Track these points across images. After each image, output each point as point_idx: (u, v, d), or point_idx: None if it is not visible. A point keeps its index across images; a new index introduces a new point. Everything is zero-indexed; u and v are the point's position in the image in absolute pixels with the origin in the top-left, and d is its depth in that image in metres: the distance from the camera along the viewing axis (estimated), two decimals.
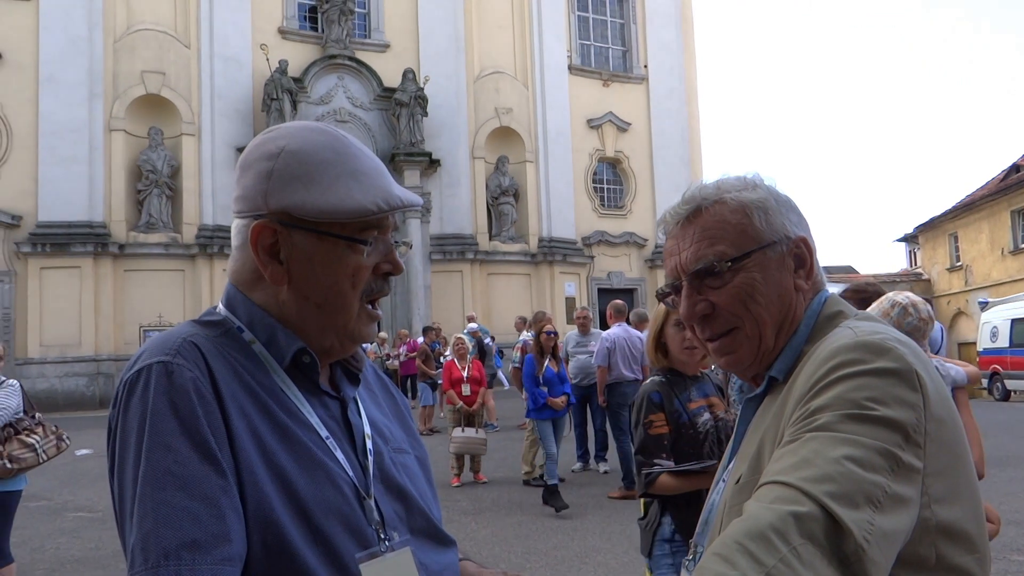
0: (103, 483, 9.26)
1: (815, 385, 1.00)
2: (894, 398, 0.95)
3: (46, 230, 20.20)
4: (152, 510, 0.93)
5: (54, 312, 19.89)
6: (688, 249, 1.18)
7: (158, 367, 1.01)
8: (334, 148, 1.11)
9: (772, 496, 0.90)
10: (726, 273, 1.15)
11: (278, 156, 1.10)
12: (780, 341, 1.17)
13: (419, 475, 1.25)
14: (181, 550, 0.92)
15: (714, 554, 0.86)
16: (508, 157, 26.13)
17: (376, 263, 1.13)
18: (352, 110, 23.60)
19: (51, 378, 19.65)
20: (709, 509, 1.25)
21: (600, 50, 29.28)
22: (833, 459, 0.90)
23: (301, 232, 1.09)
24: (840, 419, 0.94)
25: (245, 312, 1.13)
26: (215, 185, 21.83)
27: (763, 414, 1.14)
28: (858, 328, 1.07)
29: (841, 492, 0.87)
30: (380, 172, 1.14)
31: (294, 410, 1.09)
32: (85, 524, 7.34)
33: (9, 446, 4.88)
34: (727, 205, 1.17)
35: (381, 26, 25.16)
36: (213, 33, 22.26)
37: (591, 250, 27.22)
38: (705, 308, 1.17)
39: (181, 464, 0.96)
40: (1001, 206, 29.06)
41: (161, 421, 0.97)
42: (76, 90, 20.68)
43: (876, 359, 0.98)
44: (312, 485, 1.04)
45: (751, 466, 1.08)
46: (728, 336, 1.18)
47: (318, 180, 1.08)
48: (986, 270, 29.93)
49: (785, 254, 1.17)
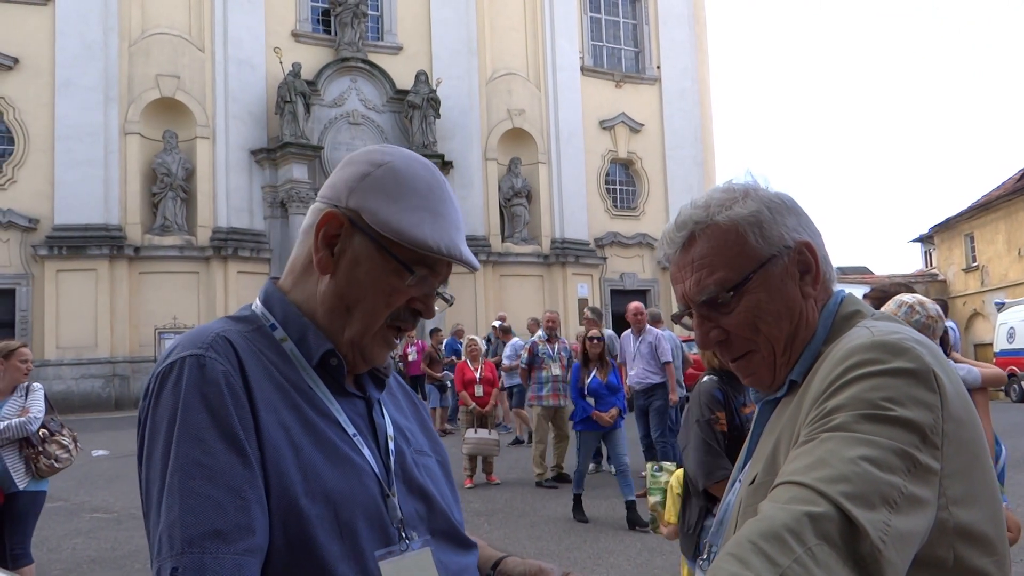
0: (119, 484, 9.33)
1: (831, 385, 0.99)
2: (911, 398, 0.94)
3: (62, 233, 20.37)
4: (179, 499, 0.96)
5: (70, 314, 20.05)
6: (690, 279, 1.17)
7: (191, 360, 1.04)
8: (430, 185, 1.17)
9: (787, 496, 0.89)
10: (731, 301, 1.14)
11: (381, 166, 1.17)
12: (797, 348, 1.16)
13: (441, 478, 1.28)
14: (205, 539, 0.94)
15: (728, 554, 0.85)
16: (520, 159, 26.14)
17: (413, 297, 1.16)
18: (365, 112, 23.68)
19: (67, 380, 19.80)
20: (724, 509, 1.26)
21: (612, 51, 29.23)
22: (849, 459, 0.90)
23: (363, 236, 1.14)
24: (856, 419, 0.93)
25: (281, 310, 1.18)
26: (229, 188, 21.95)
27: (779, 415, 1.14)
28: (875, 328, 1.06)
29: (857, 492, 0.87)
30: (456, 225, 1.18)
31: (322, 407, 1.12)
32: (101, 525, 7.40)
33: (50, 447, 5.04)
34: (719, 227, 1.16)
35: (394, 28, 25.23)
36: (227, 37, 22.38)
37: (604, 251, 27.17)
38: (719, 335, 1.18)
39: (210, 455, 0.98)
40: (1018, 206, 28.79)
41: (192, 413, 1.00)
42: (92, 94, 20.85)
43: (893, 359, 0.98)
44: (340, 478, 1.07)
45: (766, 467, 1.08)
46: (745, 359, 1.19)
47: (402, 201, 1.14)
48: (1003, 271, 29.65)
49: (788, 264, 1.15)
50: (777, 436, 1.09)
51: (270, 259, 22.48)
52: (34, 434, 5.00)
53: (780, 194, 1.21)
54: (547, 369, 9.11)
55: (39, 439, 5.02)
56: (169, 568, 0.93)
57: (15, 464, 4.95)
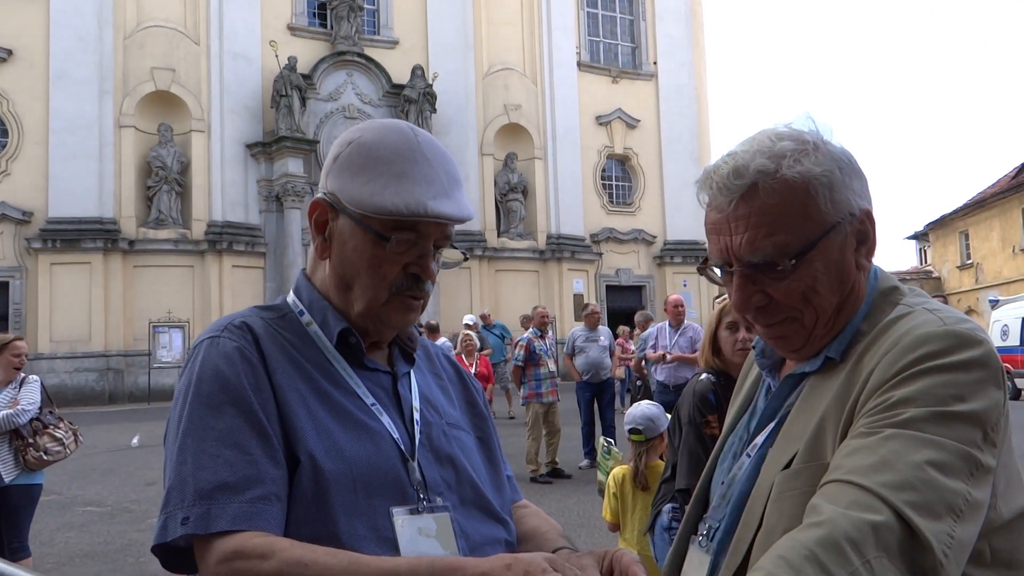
0: (112, 478, 9.29)
1: (899, 373, 0.94)
2: (980, 394, 0.91)
3: (56, 226, 20.30)
4: (192, 457, 1.04)
5: (64, 308, 19.98)
6: (743, 234, 1.04)
7: (208, 342, 1.15)
8: (397, 149, 1.18)
9: (848, 500, 0.85)
10: (787, 269, 1.03)
11: (350, 143, 1.21)
12: (840, 322, 1.08)
13: (475, 452, 1.30)
14: (214, 491, 1.02)
15: (780, 557, 0.82)
16: (517, 154, 26.12)
17: (407, 263, 1.18)
18: (361, 107, 23.63)
19: (61, 373, 19.75)
20: (728, 484, 1.16)
21: (609, 46, 29.20)
22: (915, 464, 0.85)
23: (344, 216, 1.19)
24: (925, 417, 0.89)
25: (307, 296, 1.26)
26: (224, 181, 21.89)
27: (815, 393, 1.06)
28: (943, 314, 1.00)
29: (922, 502, 0.83)
30: (429, 181, 1.16)
31: (340, 380, 1.18)
32: (94, 518, 7.38)
33: (41, 439, 5.00)
34: (788, 182, 1.02)
35: (390, 23, 25.17)
36: (223, 30, 22.30)
37: (599, 247, 27.18)
38: (761, 300, 1.07)
39: (220, 419, 1.06)
40: (1012, 203, 28.87)
41: (204, 384, 1.10)
42: (86, 86, 20.76)
43: (966, 351, 0.93)
44: (354, 441, 1.12)
45: (807, 451, 1.00)
46: (782, 324, 1.09)
47: (365, 173, 1.17)
48: (997, 268, 29.74)
49: (848, 233, 1.06)
50: (820, 419, 1.01)
51: (265, 253, 22.43)
52: (24, 426, 4.97)
53: (846, 151, 1.08)
54: (544, 365, 9.07)
55: (30, 431, 4.98)
56: (180, 517, 1.01)
57: (3, 456, 4.92)
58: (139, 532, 6.75)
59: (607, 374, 9.59)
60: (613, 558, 1.01)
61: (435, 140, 1.25)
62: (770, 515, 1.01)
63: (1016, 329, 20.41)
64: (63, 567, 5.91)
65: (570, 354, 9.57)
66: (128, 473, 9.66)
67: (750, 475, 1.11)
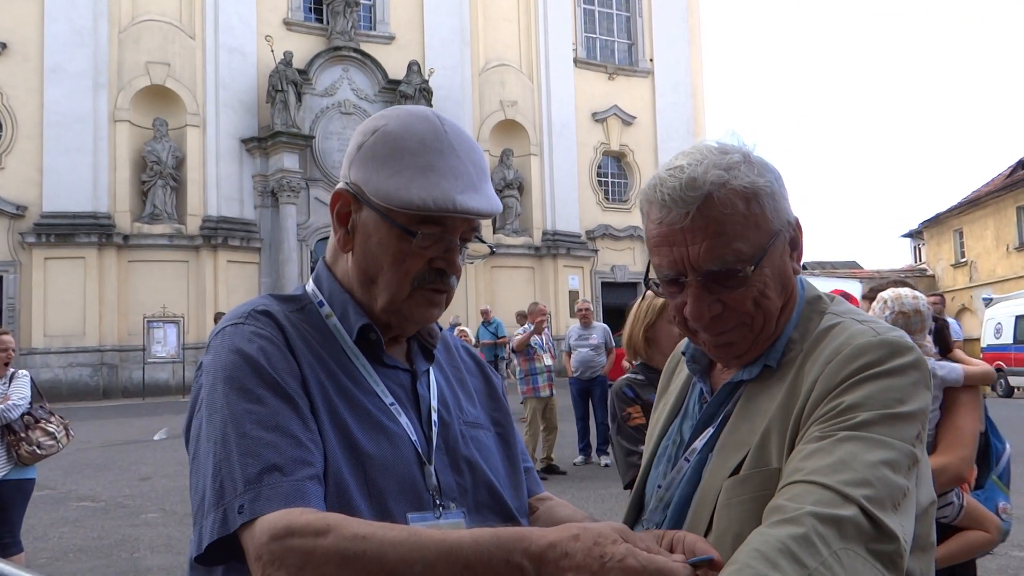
0: (106, 473, 9.26)
1: (844, 381, 1.00)
2: (916, 396, 1.00)
3: (51, 220, 20.24)
4: (236, 445, 1.00)
5: (58, 303, 19.93)
6: (700, 244, 1.06)
7: (230, 328, 1.11)
8: (423, 140, 1.13)
9: (813, 498, 0.90)
10: (746, 275, 1.06)
11: (374, 132, 1.16)
12: (780, 327, 1.13)
13: (494, 451, 1.27)
14: (263, 474, 0.98)
15: (754, 550, 0.85)
16: (513, 150, 26.12)
17: (432, 257, 1.14)
18: (357, 102, 23.58)
19: (55, 368, 19.71)
20: (665, 488, 1.17)
21: (605, 43, 29.20)
22: (871, 463, 0.92)
23: (368, 208, 1.14)
24: (874, 420, 0.95)
25: (327, 287, 1.21)
26: (219, 176, 21.84)
27: (755, 401, 1.09)
28: (873, 325, 1.07)
29: (879, 497, 0.90)
30: (457, 174, 1.12)
31: (359, 377, 1.15)
32: (88, 514, 7.37)
33: (33, 434, 4.99)
34: (738, 191, 1.06)
35: (386, 18, 25.12)
36: (218, 24, 22.23)
37: (595, 244, 27.21)
38: (717, 309, 1.09)
39: (257, 403, 1.03)
40: (1007, 202, 28.96)
41: (235, 369, 1.06)
42: (81, 80, 20.68)
43: (901, 357, 1.01)
44: (371, 443, 1.09)
45: (755, 458, 1.04)
46: (733, 331, 1.11)
47: (390, 165, 1.12)
48: (991, 266, 29.83)
49: (786, 241, 1.12)
50: (766, 426, 1.05)
51: (260, 248, 22.39)
52: (16, 421, 4.95)
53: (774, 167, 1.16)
54: (540, 360, 9.15)
55: (21, 426, 4.97)
56: (236, 506, 0.97)
57: None
58: (133, 527, 6.75)
59: (598, 371, 9.60)
60: (674, 539, 0.97)
61: (462, 129, 1.20)
62: (719, 520, 1.05)
63: (1009, 327, 20.50)
64: (56, 562, 5.90)
65: (567, 351, 9.67)
66: (122, 468, 9.65)
67: (691, 480, 1.13)
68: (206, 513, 0.99)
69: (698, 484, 1.11)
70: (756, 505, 0.98)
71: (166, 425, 13.18)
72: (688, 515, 1.11)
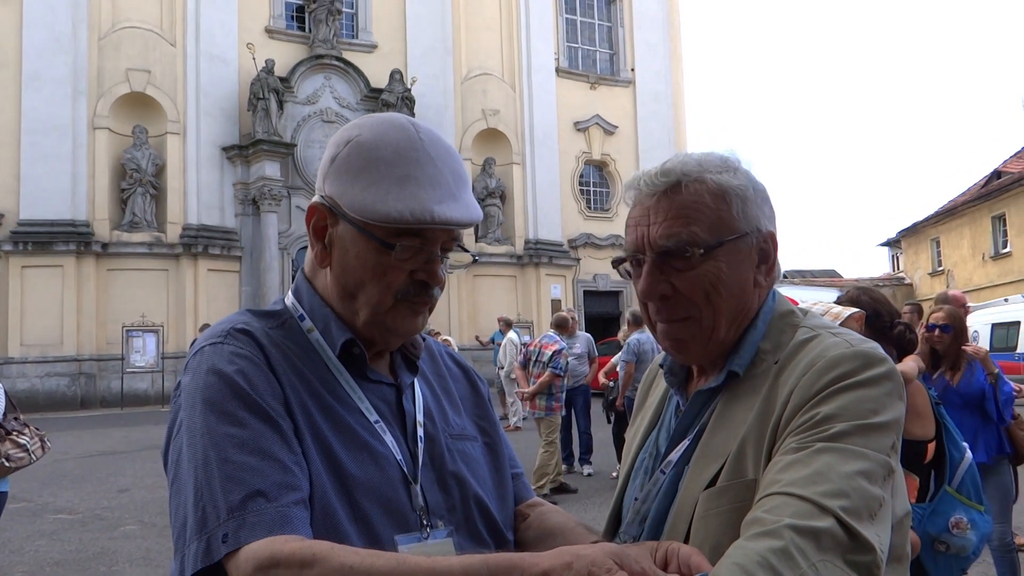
0: (83, 485, 9.14)
1: (819, 393, 1.01)
2: (890, 406, 1.01)
3: (28, 228, 20.00)
4: (217, 471, 0.98)
5: (36, 311, 19.67)
6: (660, 224, 1.12)
7: (209, 348, 1.08)
8: (398, 149, 1.11)
9: (791, 510, 0.90)
10: (695, 258, 1.11)
11: (347, 144, 1.13)
12: (732, 334, 1.15)
13: (482, 463, 1.25)
14: (247, 501, 0.96)
15: (734, 564, 0.86)
16: (495, 159, 26.15)
17: (413, 269, 1.12)
18: (339, 110, 23.53)
19: (32, 378, 19.45)
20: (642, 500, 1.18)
21: (587, 53, 29.34)
22: (847, 474, 0.93)
23: (344, 222, 1.12)
24: (850, 431, 0.97)
25: (308, 300, 1.19)
26: (200, 184, 21.68)
27: (730, 413, 1.11)
28: (847, 337, 1.09)
29: (856, 508, 0.91)
30: (434, 183, 1.10)
31: (343, 395, 1.12)
32: (65, 526, 7.27)
33: (3, 446, 4.89)
34: (707, 186, 1.12)
35: (369, 26, 25.10)
36: (199, 31, 22.10)
37: (577, 252, 27.27)
38: (666, 289, 1.13)
39: (238, 426, 1.01)
40: (982, 212, 29.35)
41: (214, 391, 1.03)
42: (60, 87, 20.48)
43: (874, 368, 1.03)
44: (356, 464, 1.07)
45: (731, 469, 1.05)
46: (682, 323, 1.14)
47: (365, 177, 1.10)
48: (967, 275, 30.21)
49: (753, 248, 1.15)
50: (741, 437, 1.06)
51: (241, 257, 22.24)
52: None
53: (762, 183, 1.20)
54: (569, 377, 8.73)
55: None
56: (220, 535, 0.95)
57: None
58: (111, 540, 6.67)
59: (580, 380, 9.61)
60: (668, 550, 0.95)
61: (439, 136, 1.17)
62: (696, 532, 1.06)
63: (986, 335, 20.74)
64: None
65: None
66: (100, 480, 9.54)
67: (668, 492, 1.14)
68: (188, 541, 0.97)
69: (675, 496, 1.12)
70: (733, 516, 1.00)
71: (145, 435, 13.04)
72: (665, 527, 1.11)
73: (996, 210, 28.49)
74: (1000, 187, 28.33)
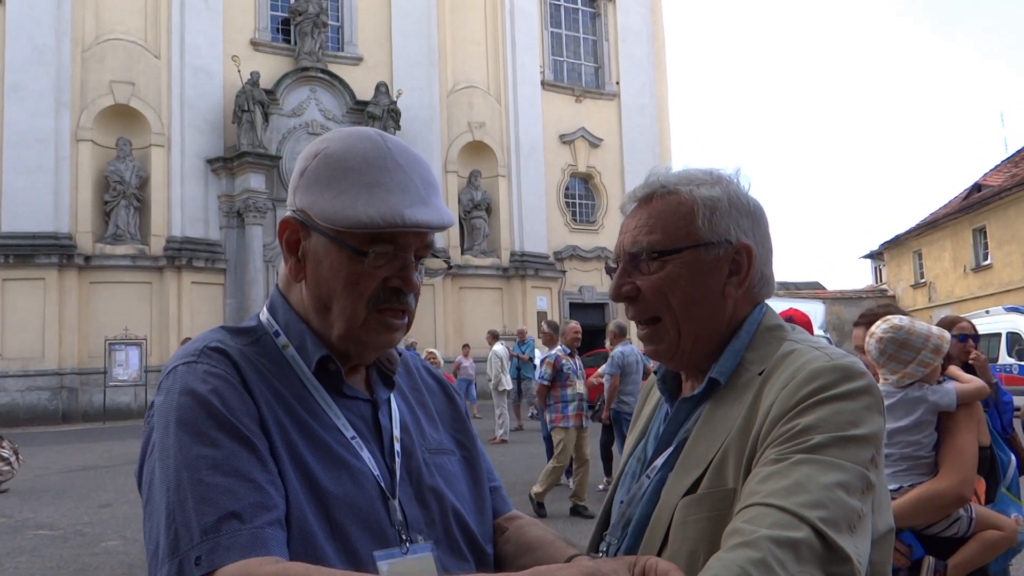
0: (64, 500, 9.04)
1: (797, 405, 1.02)
2: (869, 419, 1.02)
3: (10, 241, 19.81)
4: (190, 492, 0.97)
5: (17, 324, 19.48)
6: (631, 232, 1.21)
7: (182, 368, 1.07)
8: (367, 158, 1.11)
9: (770, 521, 0.91)
10: (652, 263, 1.17)
11: (316, 156, 1.14)
12: (703, 343, 1.18)
13: (460, 477, 1.25)
14: (221, 523, 0.95)
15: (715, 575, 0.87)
16: (480, 171, 26.21)
17: (386, 276, 1.12)
18: (324, 123, 23.51)
19: (12, 392, 19.23)
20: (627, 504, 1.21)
21: (573, 66, 29.51)
22: (825, 486, 0.94)
23: (316, 233, 1.12)
24: (828, 442, 0.98)
25: (283, 315, 1.18)
26: (184, 196, 21.58)
27: (714, 422, 1.13)
28: (828, 351, 1.10)
29: (834, 519, 0.92)
30: (404, 189, 1.11)
31: (319, 411, 1.12)
32: (45, 542, 7.18)
33: None
34: (678, 197, 1.19)
35: (354, 39, 25.14)
36: (184, 44, 22.06)
37: (563, 265, 27.34)
38: (630, 291, 1.20)
39: (212, 447, 1.00)
40: (963, 225, 29.66)
41: (188, 412, 1.02)
42: (43, 99, 20.36)
43: (853, 381, 1.04)
44: (333, 481, 1.06)
45: (713, 477, 1.07)
46: (653, 326, 1.20)
47: (334, 186, 1.10)
48: (949, 287, 30.48)
49: (722, 258, 1.17)
50: (723, 446, 1.08)
51: (225, 269, 22.13)
52: None
53: (751, 197, 1.22)
54: (572, 386, 8.33)
55: None
56: (193, 557, 0.94)
57: None
58: (92, 556, 6.59)
59: None
60: (646, 566, 0.95)
61: (406, 145, 1.17)
62: (674, 539, 1.07)
63: None
64: None
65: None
66: (81, 495, 9.42)
67: (651, 497, 1.16)
68: (160, 564, 0.96)
69: (657, 502, 1.14)
70: (711, 524, 1.02)
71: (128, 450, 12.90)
72: (645, 532, 1.13)
73: (977, 223, 28.80)
74: (981, 200, 28.65)
